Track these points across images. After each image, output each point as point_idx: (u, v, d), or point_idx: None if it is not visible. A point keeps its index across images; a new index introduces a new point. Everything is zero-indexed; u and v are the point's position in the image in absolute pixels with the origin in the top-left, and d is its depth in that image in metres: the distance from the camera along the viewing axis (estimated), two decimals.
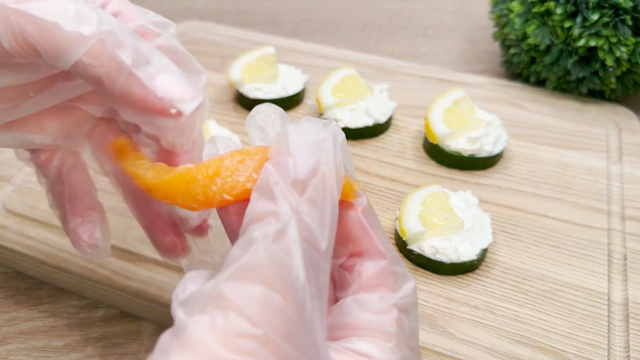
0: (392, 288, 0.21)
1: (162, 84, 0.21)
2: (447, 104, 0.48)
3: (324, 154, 0.20)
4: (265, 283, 0.16)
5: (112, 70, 0.20)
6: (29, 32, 0.20)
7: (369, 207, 0.22)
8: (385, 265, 0.21)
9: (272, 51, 0.55)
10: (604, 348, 0.35)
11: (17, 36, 0.20)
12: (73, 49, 0.20)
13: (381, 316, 0.20)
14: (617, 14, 0.48)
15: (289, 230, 0.18)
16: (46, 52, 0.20)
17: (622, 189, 0.46)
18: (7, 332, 0.38)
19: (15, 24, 0.20)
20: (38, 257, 0.39)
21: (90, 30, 0.20)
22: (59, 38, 0.20)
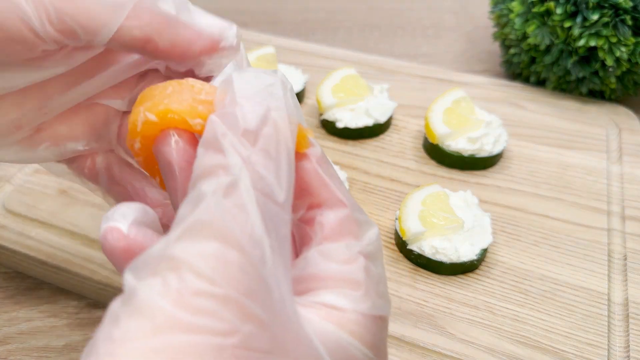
0: (356, 236, 0.20)
1: (203, 22, 0.21)
2: (447, 104, 0.48)
3: (274, 101, 0.19)
4: (219, 239, 0.15)
5: (159, 25, 0.21)
6: (65, 10, 0.20)
7: (323, 156, 0.21)
8: (347, 214, 0.21)
9: (272, 51, 0.55)
10: (604, 348, 0.35)
11: (51, 17, 0.20)
12: (115, 16, 0.20)
13: (347, 265, 0.20)
14: (617, 14, 0.48)
15: (241, 182, 0.17)
16: (86, 28, 0.20)
17: (622, 189, 0.46)
18: (7, 332, 0.38)
19: (49, 5, 0.19)
20: (38, 257, 0.39)
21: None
22: (98, 9, 0.20)
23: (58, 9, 0.20)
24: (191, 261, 0.15)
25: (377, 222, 0.43)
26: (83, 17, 0.20)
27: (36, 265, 0.40)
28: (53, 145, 0.26)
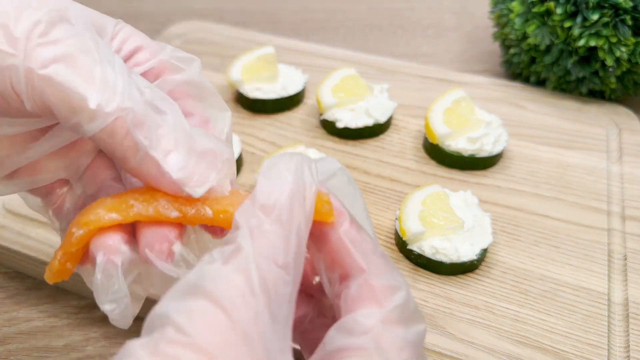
0: (379, 302, 0.20)
1: (174, 164, 0.21)
2: (447, 104, 0.48)
3: (290, 175, 0.20)
4: (207, 299, 0.17)
5: (129, 149, 0.21)
6: (50, 99, 0.20)
7: (353, 224, 0.22)
8: (365, 279, 0.21)
9: (272, 51, 0.55)
10: (604, 348, 0.35)
11: (37, 100, 0.20)
12: (93, 123, 0.20)
13: (358, 337, 0.20)
14: (617, 14, 0.48)
15: (242, 250, 0.18)
16: (64, 120, 0.20)
17: (622, 189, 0.46)
18: (7, 332, 0.38)
19: (37, 89, 0.20)
20: (38, 257, 0.39)
21: (112, 106, 0.20)
22: (80, 109, 0.20)
23: (44, 95, 0.20)
24: (174, 317, 0.17)
25: (377, 222, 0.43)
26: (64, 112, 0.20)
27: (36, 265, 0.40)
28: (29, 176, 0.26)
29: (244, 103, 0.54)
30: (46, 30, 0.20)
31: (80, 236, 0.22)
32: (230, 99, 0.55)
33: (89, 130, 0.20)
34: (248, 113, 0.54)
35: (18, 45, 0.20)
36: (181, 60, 0.25)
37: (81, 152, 0.27)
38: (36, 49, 0.20)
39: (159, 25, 0.71)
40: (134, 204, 0.22)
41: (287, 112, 0.54)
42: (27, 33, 0.20)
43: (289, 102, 0.54)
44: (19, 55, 0.20)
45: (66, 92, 0.20)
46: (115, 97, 0.20)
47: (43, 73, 0.20)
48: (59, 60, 0.20)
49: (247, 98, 0.53)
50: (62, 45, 0.20)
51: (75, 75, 0.20)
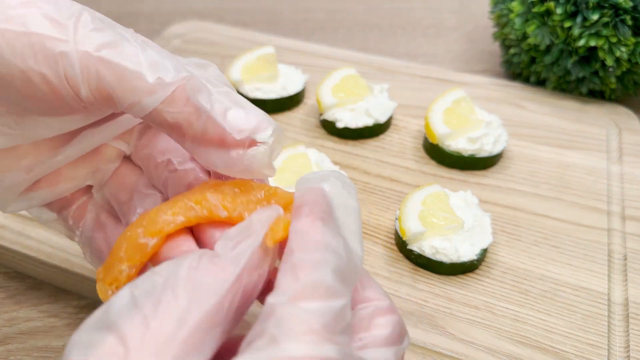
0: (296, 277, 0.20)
1: (235, 118, 0.21)
2: (447, 104, 0.48)
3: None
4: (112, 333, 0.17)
5: (191, 116, 0.21)
6: (107, 80, 0.20)
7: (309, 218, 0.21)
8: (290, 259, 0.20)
9: (272, 51, 0.55)
10: (604, 348, 0.35)
11: (92, 83, 0.20)
12: (153, 97, 0.20)
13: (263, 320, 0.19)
14: (617, 14, 0.48)
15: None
16: (122, 101, 0.20)
17: (622, 189, 0.46)
18: (7, 332, 0.38)
19: (93, 72, 0.20)
20: (38, 257, 0.39)
21: (170, 76, 0.20)
22: (139, 86, 0.20)
23: (101, 77, 0.20)
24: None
25: (377, 222, 0.43)
26: (122, 91, 0.20)
27: (36, 265, 0.40)
28: (50, 187, 0.26)
29: None
30: (91, 19, 0.20)
31: (155, 244, 0.22)
32: None
33: (149, 104, 0.20)
34: None
35: (68, 31, 0.20)
36: (200, 66, 0.25)
37: (106, 159, 0.27)
38: (87, 34, 0.20)
39: (159, 25, 0.71)
40: (192, 206, 0.22)
41: (287, 112, 0.54)
42: (74, 21, 0.20)
43: (289, 102, 0.54)
44: (70, 41, 0.19)
45: (123, 70, 0.20)
46: (169, 70, 0.20)
47: (99, 55, 0.20)
48: (108, 45, 0.20)
49: (247, 98, 0.53)
50: (108, 32, 0.20)
51: (127, 57, 0.20)
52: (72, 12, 0.20)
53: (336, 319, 0.18)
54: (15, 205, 0.26)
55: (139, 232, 0.22)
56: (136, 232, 0.22)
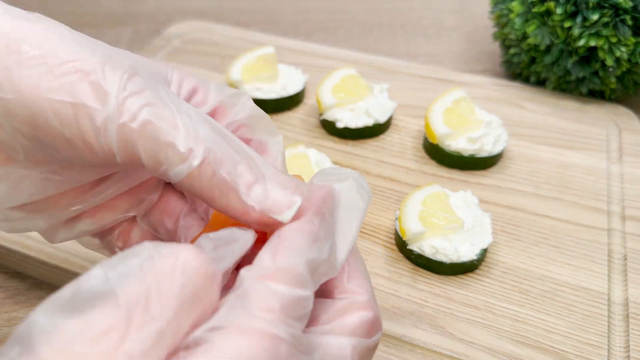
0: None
1: (258, 196, 0.21)
2: (447, 104, 0.48)
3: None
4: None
5: (215, 189, 0.21)
6: (141, 150, 0.20)
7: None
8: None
9: (272, 51, 0.55)
10: (604, 348, 0.35)
11: (127, 153, 0.20)
12: (180, 168, 0.20)
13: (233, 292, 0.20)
14: (617, 14, 0.48)
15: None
16: (153, 168, 0.21)
17: (622, 189, 0.46)
18: (7, 332, 0.38)
19: (130, 142, 0.20)
20: (38, 257, 0.39)
21: (198, 149, 0.20)
22: (170, 157, 0.20)
23: (134, 147, 0.20)
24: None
25: (377, 222, 0.43)
26: (151, 161, 0.20)
27: (36, 265, 0.40)
28: (92, 218, 0.26)
29: None
30: (130, 83, 0.20)
31: None
32: None
33: (176, 175, 0.20)
34: None
35: (109, 100, 0.20)
36: (233, 97, 0.25)
37: (148, 189, 0.27)
38: (125, 102, 0.20)
39: (159, 25, 0.71)
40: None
41: (287, 112, 0.54)
42: (117, 88, 0.20)
43: (289, 102, 0.54)
44: (111, 112, 0.20)
45: (156, 141, 0.20)
46: (199, 140, 0.20)
47: (134, 126, 0.20)
48: (145, 109, 0.20)
49: None
50: (144, 96, 0.20)
51: (163, 122, 0.20)
52: (119, 75, 0.20)
53: (295, 306, 0.19)
54: (59, 236, 0.26)
55: None
56: None
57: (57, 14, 0.72)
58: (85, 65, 0.20)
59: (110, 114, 0.20)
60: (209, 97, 0.25)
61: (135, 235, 0.28)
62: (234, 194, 0.21)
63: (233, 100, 0.25)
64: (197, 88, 0.25)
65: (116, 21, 0.72)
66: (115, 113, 0.20)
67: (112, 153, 0.20)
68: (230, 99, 0.25)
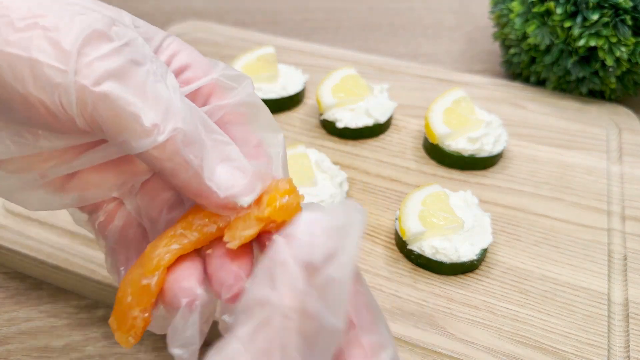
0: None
1: (221, 178, 0.21)
2: (447, 104, 0.48)
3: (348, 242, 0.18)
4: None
5: (177, 167, 0.20)
6: (101, 115, 0.19)
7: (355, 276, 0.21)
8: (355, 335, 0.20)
9: (272, 51, 0.55)
10: (604, 348, 0.35)
11: (87, 118, 0.20)
12: (143, 141, 0.20)
13: None
14: (617, 14, 0.48)
15: (275, 321, 0.17)
16: (112, 137, 0.20)
17: (622, 189, 0.46)
18: (7, 332, 0.38)
19: (90, 107, 0.19)
20: (38, 257, 0.39)
21: (165, 126, 0.20)
22: (132, 128, 0.19)
23: (96, 112, 0.19)
24: None
25: (377, 222, 0.43)
26: (113, 129, 0.20)
27: (36, 265, 0.40)
28: (79, 192, 0.25)
29: None
30: (99, 41, 0.20)
31: (157, 281, 0.22)
32: None
33: (137, 148, 0.20)
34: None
35: (69, 60, 0.19)
36: (232, 79, 0.24)
37: (136, 171, 0.26)
38: (89, 64, 0.19)
39: (159, 25, 0.71)
40: (182, 232, 0.22)
41: (287, 112, 0.54)
42: (78, 46, 0.19)
43: (289, 102, 0.54)
44: (70, 72, 0.19)
45: (119, 110, 0.19)
46: (168, 116, 0.20)
47: (97, 91, 0.19)
48: (112, 75, 0.19)
49: None
50: (115, 58, 0.20)
51: (129, 92, 0.19)
52: (83, 29, 0.19)
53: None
54: (42, 204, 0.25)
55: (139, 273, 0.22)
56: (137, 274, 0.22)
57: None
58: (48, 22, 0.19)
59: (68, 75, 0.19)
60: (200, 75, 0.24)
61: (120, 218, 0.27)
62: (196, 176, 0.20)
63: (232, 82, 0.24)
64: (191, 64, 0.24)
65: None
66: (74, 74, 0.19)
67: (70, 114, 0.20)
68: (229, 80, 0.24)
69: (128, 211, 0.27)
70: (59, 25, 0.19)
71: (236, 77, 0.24)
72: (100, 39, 0.20)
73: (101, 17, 0.20)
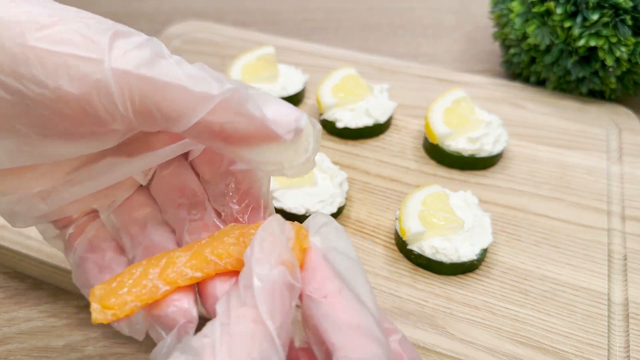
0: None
1: (278, 115, 0.21)
2: (447, 103, 0.48)
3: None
4: None
5: (240, 124, 0.20)
6: (150, 96, 0.19)
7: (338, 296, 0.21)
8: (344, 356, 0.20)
9: (272, 51, 0.55)
10: (604, 348, 0.35)
11: (134, 100, 0.19)
12: (199, 109, 0.20)
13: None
14: (617, 14, 0.48)
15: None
16: (166, 116, 0.20)
17: (622, 189, 0.46)
18: (7, 332, 0.38)
19: (135, 88, 0.19)
20: (38, 257, 0.39)
21: (215, 88, 0.20)
22: (185, 100, 0.20)
23: (143, 94, 0.19)
24: None
25: (377, 222, 0.43)
26: (167, 105, 0.20)
27: (36, 265, 0.40)
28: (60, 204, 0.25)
29: None
30: (125, 36, 0.20)
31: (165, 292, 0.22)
32: None
33: (194, 117, 0.20)
34: None
35: (103, 50, 0.19)
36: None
37: (119, 186, 0.26)
38: (122, 53, 0.19)
39: (159, 25, 0.71)
40: (214, 260, 0.22)
41: None
42: (109, 38, 0.19)
43: (288, 102, 0.54)
44: (106, 60, 0.19)
45: (167, 85, 0.19)
46: (211, 84, 0.20)
47: (139, 72, 0.19)
48: (148, 62, 0.19)
49: None
50: (145, 49, 0.20)
51: (170, 74, 0.20)
52: (104, 28, 0.20)
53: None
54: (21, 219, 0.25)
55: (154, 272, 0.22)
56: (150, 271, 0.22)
57: None
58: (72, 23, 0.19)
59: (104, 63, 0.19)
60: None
61: (91, 229, 0.26)
62: (259, 122, 0.21)
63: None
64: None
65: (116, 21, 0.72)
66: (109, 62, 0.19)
67: (111, 105, 0.19)
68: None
69: (100, 224, 0.26)
70: (81, 26, 0.19)
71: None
72: (125, 35, 0.20)
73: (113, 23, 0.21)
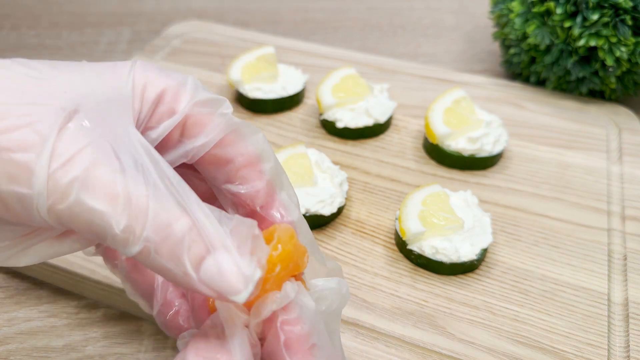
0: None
1: (210, 273, 0.19)
2: (447, 103, 0.48)
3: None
4: None
5: (159, 271, 0.19)
6: (78, 228, 0.19)
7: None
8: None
9: (272, 51, 0.55)
10: (604, 348, 0.35)
11: (65, 227, 0.19)
12: (122, 249, 0.19)
13: None
14: (617, 14, 0.48)
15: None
16: (95, 241, 0.20)
17: (622, 189, 0.46)
18: (7, 332, 0.38)
19: (65, 220, 0.19)
20: None
21: (136, 235, 0.18)
22: (109, 237, 0.19)
23: (71, 225, 0.19)
24: None
25: (377, 222, 0.43)
26: (91, 237, 0.19)
27: (36, 265, 0.40)
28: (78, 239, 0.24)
29: (244, 103, 0.54)
30: (58, 145, 0.18)
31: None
32: (230, 99, 0.55)
33: (123, 253, 0.19)
34: (248, 113, 0.54)
35: (36, 180, 0.18)
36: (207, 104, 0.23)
37: None
38: (54, 174, 0.18)
39: (159, 25, 0.71)
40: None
41: (287, 112, 0.54)
42: (46, 157, 0.18)
43: (289, 102, 0.54)
44: (39, 193, 0.18)
45: (90, 224, 0.18)
46: (139, 219, 0.18)
47: (64, 208, 0.18)
48: (78, 183, 0.18)
49: (247, 98, 0.53)
50: (78, 162, 0.18)
51: (97, 198, 0.18)
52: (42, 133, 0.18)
53: None
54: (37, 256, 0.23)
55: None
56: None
57: (57, 14, 0.72)
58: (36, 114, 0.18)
59: (38, 196, 0.18)
60: (178, 105, 0.22)
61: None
62: (183, 274, 0.19)
63: (208, 108, 0.23)
64: (163, 93, 0.22)
65: (116, 21, 0.72)
66: (43, 193, 0.18)
67: (43, 219, 0.19)
68: (205, 107, 0.23)
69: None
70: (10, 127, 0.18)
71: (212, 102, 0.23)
72: (61, 139, 0.18)
73: (57, 109, 0.19)
